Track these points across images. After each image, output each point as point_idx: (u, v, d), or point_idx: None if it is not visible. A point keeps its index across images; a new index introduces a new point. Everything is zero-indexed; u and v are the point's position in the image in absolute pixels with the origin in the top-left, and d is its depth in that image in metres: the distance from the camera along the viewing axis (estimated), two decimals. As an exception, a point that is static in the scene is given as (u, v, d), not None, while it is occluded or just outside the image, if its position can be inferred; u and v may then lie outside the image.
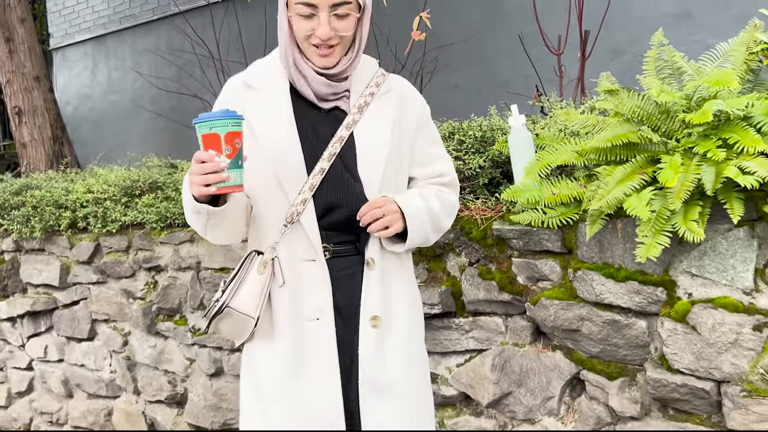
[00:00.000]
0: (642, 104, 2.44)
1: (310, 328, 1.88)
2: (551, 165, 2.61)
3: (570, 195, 2.54)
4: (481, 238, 2.81)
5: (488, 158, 2.94)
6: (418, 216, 1.96)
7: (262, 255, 1.89)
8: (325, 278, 1.89)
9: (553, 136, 2.81)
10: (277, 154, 1.88)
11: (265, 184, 1.89)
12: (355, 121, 1.93)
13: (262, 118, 1.91)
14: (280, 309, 1.90)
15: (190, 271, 3.83)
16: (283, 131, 1.90)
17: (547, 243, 2.62)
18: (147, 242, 4.00)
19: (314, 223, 1.89)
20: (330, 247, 1.91)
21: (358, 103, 1.94)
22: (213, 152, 1.68)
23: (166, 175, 4.13)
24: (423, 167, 2.06)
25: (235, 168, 1.70)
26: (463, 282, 2.87)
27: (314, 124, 1.93)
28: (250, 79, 1.97)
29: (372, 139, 1.94)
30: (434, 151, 2.10)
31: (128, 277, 4.15)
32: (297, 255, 1.89)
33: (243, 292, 1.86)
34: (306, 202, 1.87)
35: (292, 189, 1.88)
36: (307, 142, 1.91)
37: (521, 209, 2.66)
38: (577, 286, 2.54)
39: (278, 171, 1.88)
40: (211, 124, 1.68)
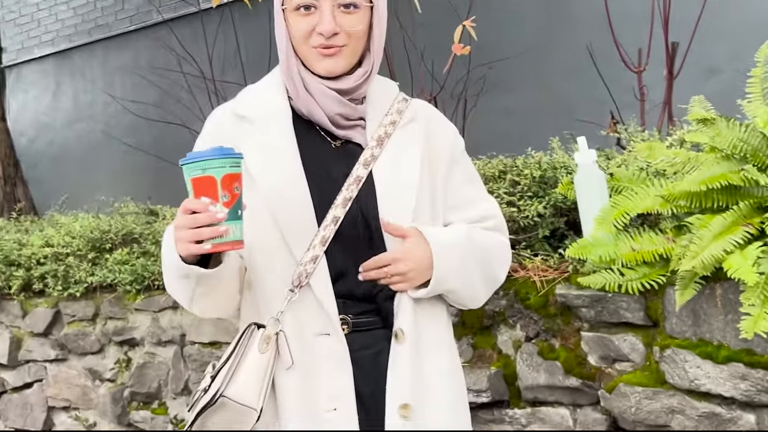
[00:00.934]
0: (745, 137, 2.45)
1: (326, 420, 1.86)
2: (630, 213, 2.61)
3: (654, 252, 2.54)
4: (541, 306, 2.81)
5: (549, 204, 2.95)
6: (453, 246, 1.94)
7: (263, 329, 1.88)
8: (345, 357, 1.87)
9: (632, 177, 2.82)
10: (279, 200, 1.88)
11: (264, 238, 1.88)
12: (375, 156, 1.93)
13: (258, 155, 1.90)
14: (287, 398, 1.88)
15: (172, 346, 3.86)
16: (286, 171, 1.90)
17: (625, 313, 2.61)
18: (119, 309, 4.04)
19: (328, 287, 1.88)
20: (348, 319, 1.91)
21: (376, 134, 1.94)
22: (207, 200, 1.67)
23: (143, 225, 4.19)
24: (459, 211, 2.02)
25: (234, 219, 1.70)
26: (518, 362, 2.86)
27: (324, 162, 1.93)
28: (240, 108, 1.98)
29: (396, 180, 1.93)
30: (471, 191, 2.07)
31: (95, 353, 4.18)
32: (307, 328, 1.88)
33: (241, 377, 1.84)
34: (317, 260, 1.86)
35: (299, 244, 1.87)
36: (316, 184, 1.91)
37: (592, 269, 2.66)
38: (666, 368, 2.53)
39: (281, 222, 1.87)
40: (204, 165, 1.67)
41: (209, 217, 1.67)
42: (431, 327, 1.98)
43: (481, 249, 1.97)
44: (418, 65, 4.60)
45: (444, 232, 1.95)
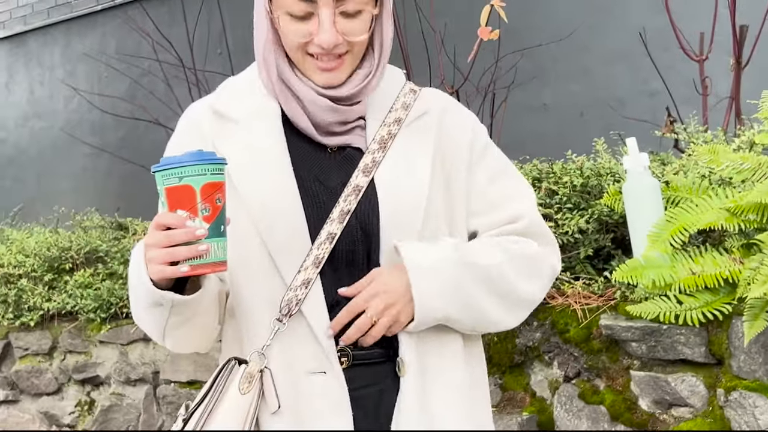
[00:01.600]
0: (827, 138, 2.45)
1: None
2: (689, 229, 2.61)
3: (719, 275, 2.54)
4: (583, 339, 2.82)
5: (593, 218, 2.96)
6: (438, 265, 1.91)
7: (245, 365, 1.89)
8: (343, 399, 1.88)
9: (692, 186, 2.82)
10: (265, 212, 1.87)
11: (248, 258, 1.87)
12: (376, 162, 1.91)
13: (242, 160, 1.89)
14: None
15: (143, 386, 3.87)
16: (274, 180, 1.89)
17: (684, 348, 2.62)
18: (80, 341, 4.06)
19: (323, 316, 1.88)
20: (348, 351, 1.92)
21: (379, 135, 1.93)
22: (184, 214, 1.65)
23: (110, 242, 4.21)
24: (484, 215, 1.99)
25: (215, 237, 1.68)
26: (556, 406, 2.87)
27: (318, 169, 1.93)
28: (221, 105, 1.97)
29: (402, 190, 1.93)
30: (500, 188, 2.02)
31: (51, 393, 4.20)
32: (299, 365, 1.88)
33: (217, 421, 1.86)
34: (310, 284, 1.86)
35: (289, 266, 1.87)
36: (309, 195, 1.91)
37: (644, 296, 2.66)
38: (731, 415, 2.53)
39: (267, 238, 1.87)
40: (180, 172, 1.64)
41: (187, 234, 1.65)
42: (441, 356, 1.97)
43: (484, 264, 1.91)
44: (437, 53, 4.61)
45: (427, 248, 1.89)
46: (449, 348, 1.95)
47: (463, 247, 1.92)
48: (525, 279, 1.97)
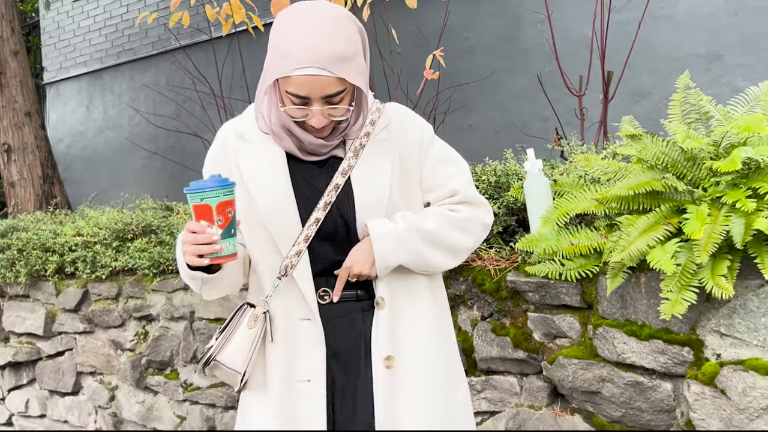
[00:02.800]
0: (667, 150, 2.46)
1: (300, 389, 1.91)
2: (570, 213, 2.61)
3: (590, 246, 2.54)
4: (494, 290, 2.81)
5: (503, 205, 2.95)
6: (388, 231, 1.91)
7: (253, 308, 1.92)
8: (320, 339, 1.91)
9: (572, 183, 2.82)
10: (271, 214, 1.91)
11: (259, 241, 1.93)
12: (351, 166, 1.93)
13: (255, 174, 1.93)
14: (273, 368, 1.94)
15: (183, 322, 3.83)
16: (277, 190, 1.92)
17: (565, 297, 2.61)
18: (138, 290, 4.01)
19: (308, 278, 1.91)
20: (329, 291, 1.93)
21: (353, 146, 1.94)
22: (205, 223, 1.74)
23: (160, 219, 4.16)
24: (433, 192, 2.03)
25: (227, 238, 1.76)
26: (475, 338, 2.86)
27: (310, 176, 1.94)
28: (242, 129, 1.97)
29: (370, 185, 1.93)
30: (442, 171, 2.02)
31: (117, 326, 4.15)
32: (292, 313, 1.92)
33: (230, 346, 1.91)
34: (300, 254, 1.90)
35: (285, 242, 1.91)
36: (302, 195, 1.93)
37: (537, 260, 2.66)
38: (598, 344, 2.53)
39: (272, 231, 1.91)
40: (201, 195, 1.73)
41: (206, 238, 1.74)
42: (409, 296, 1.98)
43: (425, 227, 1.93)
44: (394, 87, 4.59)
45: (384, 221, 1.92)
46: (415, 288, 1.98)
47: (410, 217, 1.95)
48: (458, 234, 1.99)
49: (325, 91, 1.77)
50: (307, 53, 1.74)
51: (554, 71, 4.23)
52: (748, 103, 2.58)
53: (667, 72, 4.77)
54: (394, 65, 4.61)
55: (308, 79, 1.75)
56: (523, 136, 4.39)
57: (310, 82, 1.75)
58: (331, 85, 1.76)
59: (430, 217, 1.98)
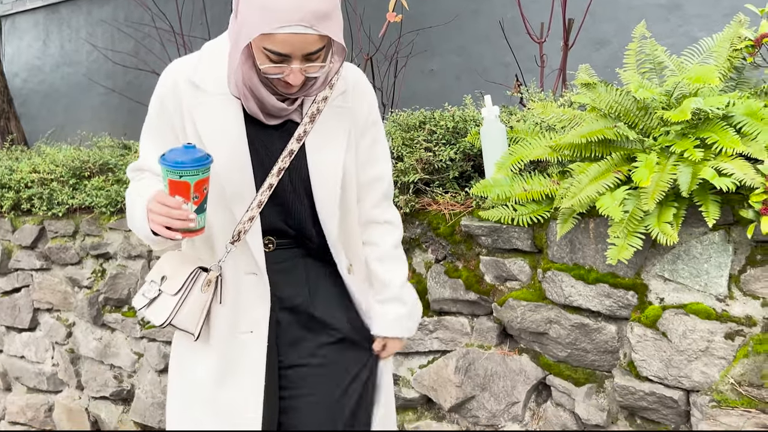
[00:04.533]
0: (620, 99, 2.50)
1: (243, 340, 1.95)
2: (524, 160, 2.65)
3: (542, 192, 2.59)
4: (448, 234, 2.85)
5: (460, 150, 2.97)
6: (403, 320, 2.09)
7: (206, 273, 1.94)
8: (265, 293, 1.95)
9: (528, 130, 2.85)
10: (225, 170, 1.88)
11: (210, 199, 1.90)
12: (307, 132, 1.91)
13: (211, 129, 1.88)
14: (218, 322, 1.97)
15: (140, 260, 3.84)
16: (232, 146, 1.89)
17: (516, 241, 2.67)
18: (95, 228, 4.00)
19: (259, 242, 1.93)
20: (274, 241, 1.97)
21: (310, 111, 1.91)
22: (180, 199, 1.70)
23: (118, 157, 4.13)
24: (363, 168, 2.04)
25: (200, 212, 1.74)
26: (428, 280, 2.92)
27: (265, 139, 1.92)
28: (197, 78, 1.90)
29: (325, 155, 1.93)
30: (376, 151, 2.07)
31: (74, 264, 4.14)
32: (240, 268, 1.95)
33: (185, 310, 1.93)
34: (253, 219, 1.90)
35: (240, 206, 1.91)
36: (258, 157, 1.91)
37: (491, 205, 2.70)
38: (547, 287, 2.60)
39: (226, 189, 1.89)
40: (181, 172, 1.67)
41: (181, 215, 1.72)
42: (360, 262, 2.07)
43: (407, 290, 2.13)
44: (357, 30, 4.55)
45: (391, 323, 2.07)
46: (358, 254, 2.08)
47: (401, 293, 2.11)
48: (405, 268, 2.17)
49: (307, 49, 1.74)
50: (294, 10, 1.69)
51: (516, 17, 4.22)
52: (701, 54, 2.62)
53: (627, 20, 4.77)
54: (357, 7, 4.57)
55: (292, 37, 1.71)
56: (484, 82, 4.39)
57: (294, 40, 1.72)
58: (313, 42, 1.74)
59: (399, 278, 2.11)
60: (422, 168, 2.95)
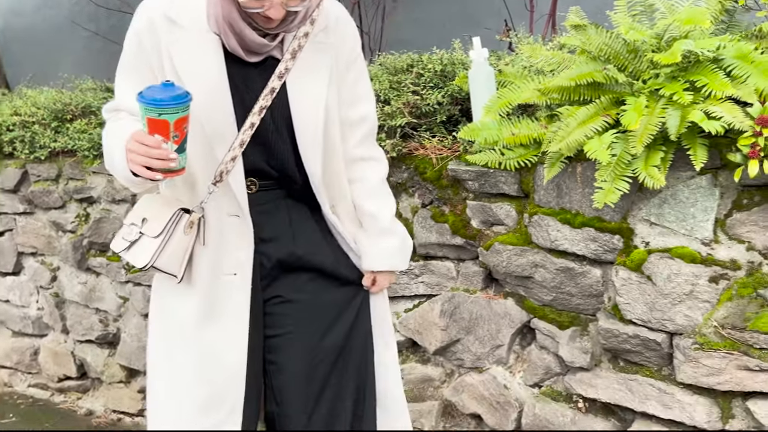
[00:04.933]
0: (610, 42, 2.47)
1: (226, 282, 1.93)
2: (512, 103, 2.63)
3: (530, 136, 2.57)
4: (435, 178, 2.84)
5: (447, 94, 2.95)
6: (393, 252, 2.08)
7: (188, 214, 1.91)
8: (249, 234, 1.93)
9: (516, 73, 2.82)
10: (205, 108, 1.83)
11: (193, 140, 1.86)
12: (288, 69, 1.87)
13: (188, 65, 1.83)
14: (201, 264, 1.95)
15: (124, 204, 3.81)
16: (212, 83, 1.84)
17: (503, 186, 2.66)
18: (78, 171, 3.96)
19: (242, 183, 1.90)
20: (256, 181, 1.95)
21: (291, 47, 1.87)
22: (160, 138, 1.65)
23: (101, 100, 4.07)
24: (346, 107, 2.01)
25: (181, 152, 1.70)
26: (415, 224, 2.91)
27: (246, 74, 1.88)
28: (174, 13, 1.85)
29: (307, 92, 1.90)
30: (359, 89, 2.04)
31: (58, 208, 4.11)
32: (223, 210, 1.93)
33: (167, 252, 1.90)
34: (235, 159, 1.87)
35: (221, 146, 1.87)
36: (238, 94, 1.87)
37: (479, 149, 2.68)
38: (533, 231, 2.60)
39: (206, 127, 1.85)
40: (160, 110, 1.63)
41: (161, 154, 1.67)
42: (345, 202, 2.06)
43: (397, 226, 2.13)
44: (344, -28, 4.47)
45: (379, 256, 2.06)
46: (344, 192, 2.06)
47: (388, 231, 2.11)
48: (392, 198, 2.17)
49: None
50: None
51: (506, -39, 4.16)
52: (692, -4, 2.58)
53: (618, -34, 4.72)
54: (343, -52, 4.49)
55: None
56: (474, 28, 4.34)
57: None
58: None
59: (387, 211, 2.11)
60: (409, 112, 2.92)
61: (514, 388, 2.72)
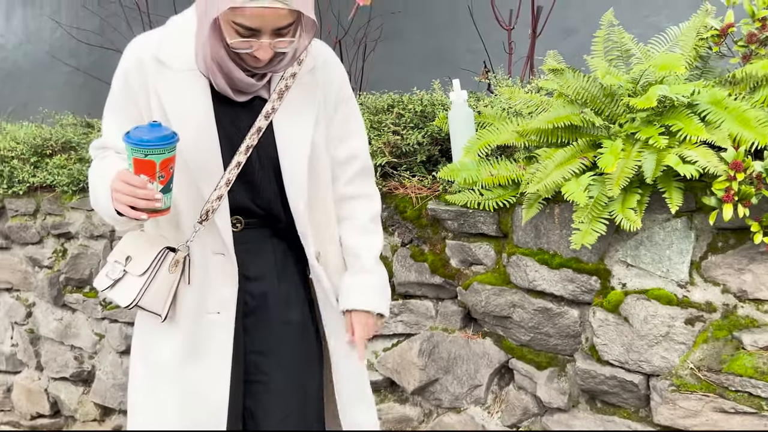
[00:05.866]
0: (587, 86, 2.50)
1: (210, 321, 1.92)
2: (491, 144, 2.65)
3: (508, 177, 2.59)
4: (415, 217, 2.85)
5: (427, 134, 2.97)
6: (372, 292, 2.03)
7: (174, 253, 1.90)
8: (233, 273, 1.92)
9: (495, 115, 2.85)
10: (192, 148, 1.83)
11: (179, 179, 1.86)
12: (275, 109, 1.87)
13: (176, 104, 1.84)
14: (184, 302, 1.94)
15: (102, 240, 3.78)
16: (199, 123, 1.84)
17: (482, 226, 2.67)
18: (57, 207, 3.93)
19: (227, 222, 1.90)
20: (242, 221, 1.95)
21: (278, 87, 1.88)
22: (145, 178, 1.66)
23: (80, 135, 4.06)
24: (337, 145, 2.01)
25: (166, 192, 1.70)
26: (394, 263, 2.91)
27: (233, 116, 1.89)
28: (162, 55, 1.85)
29: (293, 131, 1.90)
30: (349, 128, 2.03)
31: (35, 243, 4.07)
32: (208, 248, 1.92)
33: (151, 291, 1.89)
34: (221, 198, 1.87)
35: (207, 184, 1.87)
36: (225, 134, 1.88)
37: (458, 189, 2.70)
38: (511, 271, 2.61)
39: (192, 167, 1.85)
40: (146, 151, 1.63)
41: (147, 194, 1.68)
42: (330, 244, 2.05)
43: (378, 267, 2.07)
44: (326, 12, 4.52)
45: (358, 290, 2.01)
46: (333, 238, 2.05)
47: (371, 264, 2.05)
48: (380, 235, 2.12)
49: (278, 24, 1.71)
50: None
51: (485, 4, 4.22)
52: (667, 42, 2.63)
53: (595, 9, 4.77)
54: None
55: (262, 11, 1.67)
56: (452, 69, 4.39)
57: (265, 14, 1.68)
58: (284, 17, 1.70)
59: (372, 250, 2.05)
60: (390, 151, 2.94)
61: (492, 429, 2.70)
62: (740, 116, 2.20)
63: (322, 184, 1.98)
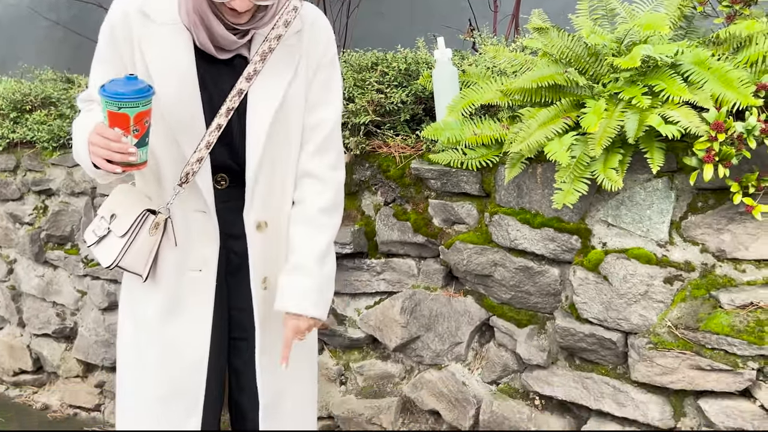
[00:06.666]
0: (571, 45, 2.50)
1: (191, 278, 1.94)
2: (475, 104, 2.65)
3: (492, 136, 2.59)
4: (398, 177, 2.86)
5: (411, 93, 2.96)
6: (314, 294, 1.96)
7: (154, 215, 1.91)
8: (215, 232, 1.93)
9: (479, 74, 2.85)
10: (173, 106, 1.84)
11: (158, 138, 1.85)
12: (257, 71, 1.87)
13: (159, 60, 1.84)
14: (166, 260, 1.95)
15: (84, 197, 3.76)
16: (181, 78, 1.85)
17: (465, 185, 2.68)
18: (37, 163, 3.90)
19: (209, 182, 1.91)
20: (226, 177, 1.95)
21: (261, 49, 1.87)
22: (119, 132, 1.66)
23: (61, 91, 4.02)
24: (310, 110, 1.99)
25: (141, 146, 1.70)
26: (377, 222, 2.92)
27: (215, 73, 1.88)
28: (147, 8, 1.85)
29: (266, 87, 1.89)
30: (323, 94, 2.00)
31: (15, 200, 4.05)
32: (189, 206, 1.93)
33: (132, 252, 1.90)
34: (202, 161, 1.87)
35: (188, 145, 1.87)
36: (207, 92, 1.87)
37: (441, 149, 2.70)
38: (493, 230, 2.62)
39: (174, 125, 1.85)
40: (120, 104, 1.63)
41: (120, 147, 1.68)
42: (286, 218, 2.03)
43: (326, 261, 1.99)
44: (310, -33, 4.46)
45: (292, 294, 1.94)
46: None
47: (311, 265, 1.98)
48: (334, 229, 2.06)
49: None
50: None
51: (471, -39, 4.19)
52: (652, 2, 2.63)
53: (581, -31, 4.77)
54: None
55: None
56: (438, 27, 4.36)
57: None
58: None
59: (313, 247, 1.96)
60: (373, 110, 2.93)
61: (473, 385, 2.74)
62: (723, 77, 2.21)
63: (289, 146, 1.96)
